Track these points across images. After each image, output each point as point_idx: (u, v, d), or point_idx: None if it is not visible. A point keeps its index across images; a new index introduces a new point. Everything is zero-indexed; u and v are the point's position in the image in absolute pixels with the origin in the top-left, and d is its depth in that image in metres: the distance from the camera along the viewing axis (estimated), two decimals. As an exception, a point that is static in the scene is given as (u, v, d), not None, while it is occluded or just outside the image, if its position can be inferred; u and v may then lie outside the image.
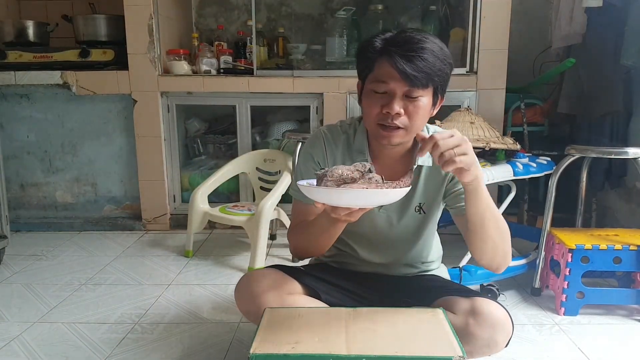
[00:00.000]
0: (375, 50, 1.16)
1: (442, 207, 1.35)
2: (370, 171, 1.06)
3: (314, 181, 1.11)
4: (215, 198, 2.78)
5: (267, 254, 2.48)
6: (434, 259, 1.44)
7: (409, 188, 1.04)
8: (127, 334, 1.71)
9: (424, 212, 1.31)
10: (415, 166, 1.26)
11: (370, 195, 1.00)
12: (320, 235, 1.20)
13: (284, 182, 2.40)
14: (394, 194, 1.02)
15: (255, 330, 1.07)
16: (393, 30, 1.18)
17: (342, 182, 1.04)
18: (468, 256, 1.95)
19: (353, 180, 1.04)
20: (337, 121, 1.37)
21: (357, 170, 1.05)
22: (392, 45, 1.13)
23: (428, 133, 1.28)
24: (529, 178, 2.11)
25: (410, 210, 1.30)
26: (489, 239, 1.16)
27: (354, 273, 1.39)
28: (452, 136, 1.02)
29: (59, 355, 1.58)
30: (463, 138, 1.03)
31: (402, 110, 1.14)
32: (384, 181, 1.08)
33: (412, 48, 1.11)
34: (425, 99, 1.15)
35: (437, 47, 1.14)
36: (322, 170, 1.07)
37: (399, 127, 1.16)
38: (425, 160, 1.27)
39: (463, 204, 1.18)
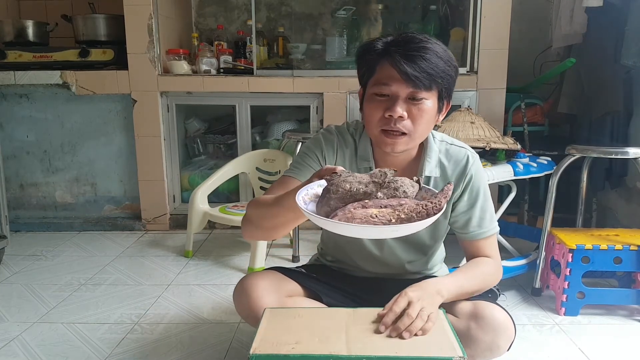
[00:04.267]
0: (377, 53, 1.12)
1: (447, 224, 1.29)
2: (390, 181, 0.85)
3: (314, 186, 0.94)
4: (215, 198, 2.78)
5: (267, 254, 2.48)
6: (437, 263, 1.42)
7: (435, 217, 0.86)
8: (126, 334, 1.71)
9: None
10: (422, 177, 1.19)
11: (381, 232, 0.79)
12: (276, 217, 1.09)
13: (284, 182, 2.39)
14: (413, 227, 0.79)
15: (255, 330, 1.07)
16: (394, 33, 1.15)
17: (352, 199, 0.82)
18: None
19: (366, 196, 0.83)
20: (343, 123, 1.32)
21: (374, 181, 0.85)
22: (393, 46, 1.10)
23: (435, 141, 1.24)
24: (530, 178, 2.10)
25: None
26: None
27: (354, 276, 1.37)
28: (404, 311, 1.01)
29: (59, 355, 1.58)
30: (414, 306, 1.01)
31: (405, 114, 1.10)
32: (420, 185, 0.90)
33: (413, 47, 1.08)
34: (429, 102, 1.11)
35: (441, 48, 1.11)
36: (329, 179, 0.86)
37: (402, 133, 1.12)
38: (433, 170, 1.22)
39: (460, 232, 1.25)
